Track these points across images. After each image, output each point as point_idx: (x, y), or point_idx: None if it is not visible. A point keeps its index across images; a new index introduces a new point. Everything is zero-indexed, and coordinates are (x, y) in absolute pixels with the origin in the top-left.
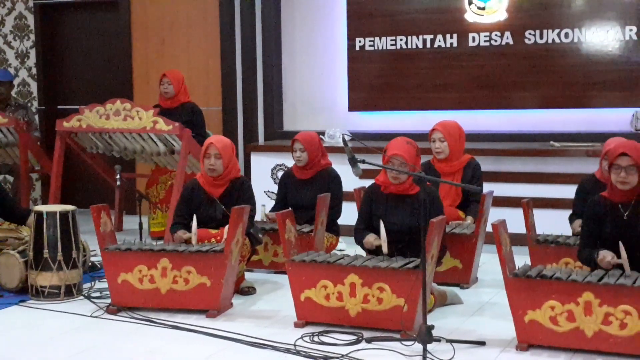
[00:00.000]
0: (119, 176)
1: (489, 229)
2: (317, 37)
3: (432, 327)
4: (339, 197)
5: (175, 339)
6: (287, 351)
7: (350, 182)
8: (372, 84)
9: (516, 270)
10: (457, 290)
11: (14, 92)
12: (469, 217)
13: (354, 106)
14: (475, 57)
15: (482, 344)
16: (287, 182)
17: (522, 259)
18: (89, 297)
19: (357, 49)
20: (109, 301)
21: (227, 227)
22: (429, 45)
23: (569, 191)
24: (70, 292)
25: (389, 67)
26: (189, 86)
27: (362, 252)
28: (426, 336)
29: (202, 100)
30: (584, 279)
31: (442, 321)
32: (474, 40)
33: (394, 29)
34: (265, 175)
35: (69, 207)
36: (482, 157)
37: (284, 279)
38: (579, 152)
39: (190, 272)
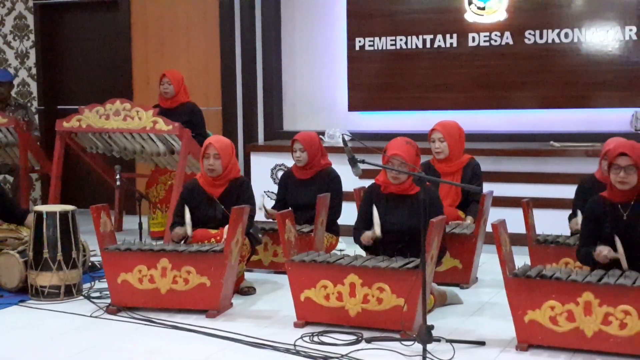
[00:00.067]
0: (118, 176)
1: (489, 229)
2: (317, 37)
3: (431, 327)
4: (338, 197)
5: (175, 339)
6: (287, 351)
7: (350, 182)
8: (371, 84)
9: (516, 270)
10: (456, 290)
11: (13, 92)
12: (468, 217)
13: (353, 106)
14: (475, 57)
15: (482, 344)
16: (287, 182)
17: (522, 259)
18: (88, 297)
19: (357, 49)
20: (108, 301)
21: (226, 227)
22: (428, 45)
23: (568, 191)
24: (70, 292)
25: (389, 67)
26: (189, 86)
27: (362, 252)
28: (426, 336)
29: (201, 100)
30: (583, 279)
31: (441, 321)
32: (473, 40)
33: (394, 29)
34: (265, 175)
35: (69, 207)
36: (481, 157)
37: (283, 279)
38: (578, 152)
39: (190, 272)
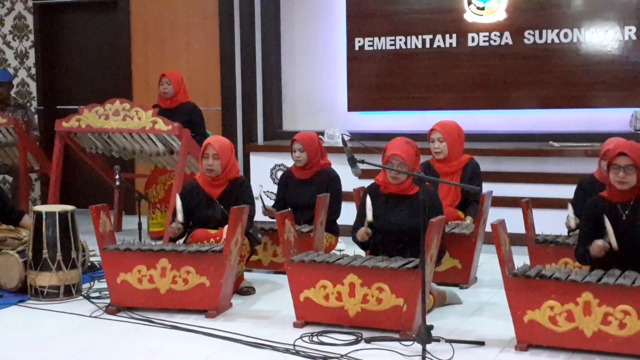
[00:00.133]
0: (118, 176)
1: (488, 229)
2: (317, 37)
3: (431, 327)
4: (338, 197)
5: (174, 339)
6: (287, 351)
7: (349, 182)
8: (371, 84)
9: (515, 270)
10: (456, 290)
11: (13, 92)
12: (468, 217)
13: (353, 106)
14: (474, 57)
15: (481, 344)
16: (287, 182)
17: (521, 259)
18: (88, 297)
19: (356, 49)
20: (108, 301)
21: (226, 227)
22: (428, 45)
23: (568, 191)
24: (69, 292)
25: (388, 67)
26: (188, 86)
27: (361, 252)
28: (425, 336)
29: (201, 100)
30: (583, 279)
31: (441, 321)
32: (473, 40)
33: (394, 29)
34: (264, 175)
35: (68, 207)
36: (481, 157)
37: (283, 279)
38: (578, 152)
39: (189, 272)
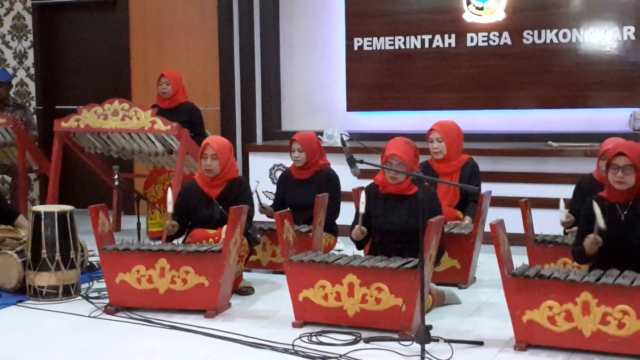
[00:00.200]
0: (117, 176)
1: (487, 229)
2: (316, 37)
3: (430, 327)
4: (337, 197)
5: (173, 339)
6: (285, 351)
7: (348, 182)
8: (370, 84)
9: (514, 270)
10: (455, 290)
11: (12, 92)
12: (467, 217)
13: (352, 106)
14: (473, 57)
15: (480, 344)
16: (286, 182)
17: (520, 259)
18: (87, 298)
19: (355, 49)
20: (107, 301)
21: (225, 227)
22: (427, 45)
23: (567, 191)
24: (68, 292)
25: (387, 67)
26: (187, 86)
27: (360, 252)
28: (424, 336)
29: (200, 100)
30: (582, 279)
31: (440, 321)
32: (472, 40)
33: (392, 29)
34: (263, 175)
35: (67, 207)
36: (480, 157)
37: (282, 279)
38: (577, 152)
39: (188, 272)
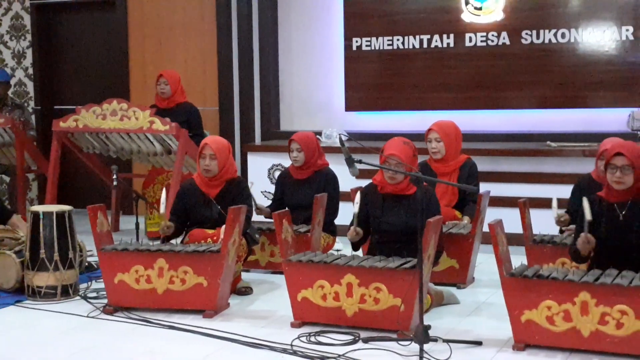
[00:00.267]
0: (115, 176)
1: (486, 229)
2: (314, 37)
3: (428, 327)
4: (336, 197)
5: (172, 339)
6: (284, 351)
7: (347, 182)
8: (369, 84)
9: (513, 270)
10: (453, 290)
11: (10, 92)
12: (465, 217)
13: (350, 106)
14: (472, 57)
15: (478, 344)
16: (284, 182)
17: (518, 259)
18: (85, 298)
19: (353, 49)
20: (105, 301)
21: (223, 227)
22: (425, 45)
23: (565, 191)
24: (66, 292)
25: (386, 67)
26: (186, 86)
27: (359, 252)
28: (423, 336)
29: (199, 100)
30: (580, 278)
31: (438, 321)
32: (470, 40)
33: (391, 29)
34: (262, 175)
35: (66, 207)
36: (478, 157)
37: (280, 279)
38: (575, 152)
39: (186, 272)
